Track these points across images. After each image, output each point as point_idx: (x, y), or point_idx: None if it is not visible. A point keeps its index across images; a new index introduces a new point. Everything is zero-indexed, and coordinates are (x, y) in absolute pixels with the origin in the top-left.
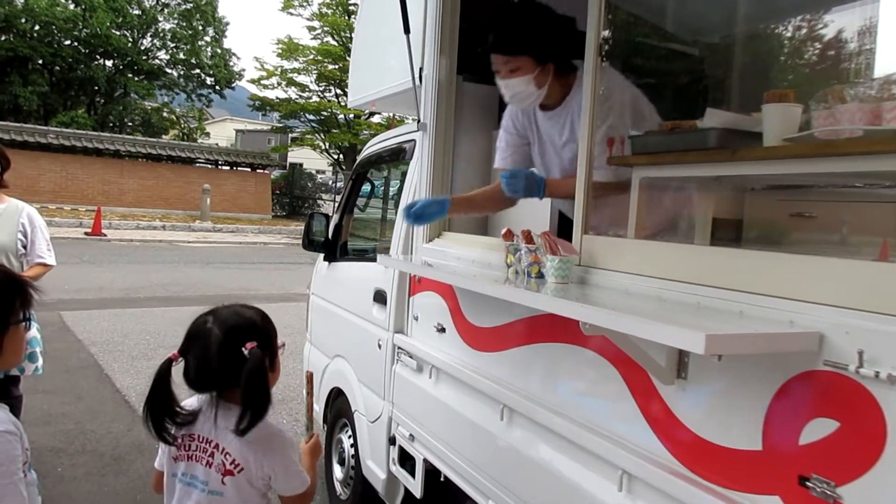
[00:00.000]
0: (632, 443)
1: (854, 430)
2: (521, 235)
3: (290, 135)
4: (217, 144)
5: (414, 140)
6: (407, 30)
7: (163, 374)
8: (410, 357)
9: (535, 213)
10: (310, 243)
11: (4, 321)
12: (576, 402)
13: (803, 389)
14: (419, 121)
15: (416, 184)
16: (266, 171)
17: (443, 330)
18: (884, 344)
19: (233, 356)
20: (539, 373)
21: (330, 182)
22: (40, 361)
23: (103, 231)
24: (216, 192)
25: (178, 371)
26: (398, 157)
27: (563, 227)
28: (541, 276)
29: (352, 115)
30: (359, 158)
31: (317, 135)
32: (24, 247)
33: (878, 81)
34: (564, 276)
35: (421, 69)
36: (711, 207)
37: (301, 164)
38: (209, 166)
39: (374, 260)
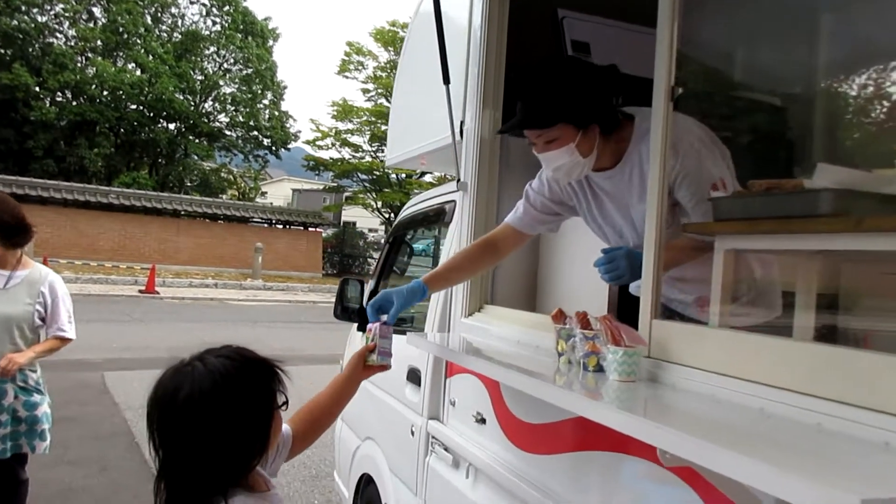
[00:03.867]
0: None
1: None
2: (576, 318)
3: (344, 194)
4: (272, 203)
5: (454, 201)
6: (447, 80)
7: None
8: (446, 450)
9: (588, 285)
10: (343, 311)
11: (270, 408)
12: None
13: None
14: (458, 179)
15: (457, 248)
16: (318, 230)
17: (483, 421)
18: None
19: None
20: (599, 488)
21: (381, 241)
22: (48, 440)
23: (156, 289)
24: (268, 251)
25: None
26: (438, 218)
27: (623, 304)
28: (600, 369)
29: (403, 175)
30: (397, 220)
31: (369, 194)
32: (43, 319)
33: None
34: (630, 372)
35: (462, 123)
36: (818, 285)
37: (354, 223)
38: (263, 225)
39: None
